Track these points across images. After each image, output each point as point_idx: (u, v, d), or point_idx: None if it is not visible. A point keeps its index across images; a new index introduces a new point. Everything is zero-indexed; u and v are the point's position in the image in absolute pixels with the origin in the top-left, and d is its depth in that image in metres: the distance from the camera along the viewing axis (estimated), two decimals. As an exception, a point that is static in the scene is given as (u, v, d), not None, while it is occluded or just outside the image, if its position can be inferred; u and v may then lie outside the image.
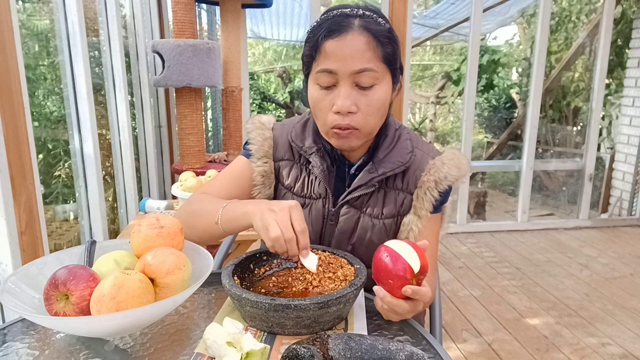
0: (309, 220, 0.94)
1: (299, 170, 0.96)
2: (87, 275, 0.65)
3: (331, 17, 0.81)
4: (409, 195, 0.91)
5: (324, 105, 0.83)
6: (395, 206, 0.91)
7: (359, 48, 0.78)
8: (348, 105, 0.79)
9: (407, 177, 0.91)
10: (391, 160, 0.89)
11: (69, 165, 1.72)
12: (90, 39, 1.83)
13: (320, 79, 0.82)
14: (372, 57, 0.79)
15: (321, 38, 0.80)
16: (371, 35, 0.79)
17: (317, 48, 0.81)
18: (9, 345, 0.67)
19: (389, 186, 0.92)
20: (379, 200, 0.92)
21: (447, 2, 4.74)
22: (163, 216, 0.75)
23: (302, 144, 0.93)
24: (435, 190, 0.89)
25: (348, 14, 0.81)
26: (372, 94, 0.81)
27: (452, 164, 0.90)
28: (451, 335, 2.09)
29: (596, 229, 3.68)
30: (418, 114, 8.01)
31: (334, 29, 0.79)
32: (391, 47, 0.82)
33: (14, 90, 1.10)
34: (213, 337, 0.61)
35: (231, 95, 2.58)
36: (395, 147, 0.91)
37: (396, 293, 0.67)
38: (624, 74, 3.96)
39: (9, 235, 1.08)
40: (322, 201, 0.94)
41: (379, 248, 0.71)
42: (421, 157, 0.92)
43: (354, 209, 0.92)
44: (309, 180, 0.95)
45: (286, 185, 0.97)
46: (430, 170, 0.90)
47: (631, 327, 2.15)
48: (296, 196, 0.96)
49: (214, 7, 3.08)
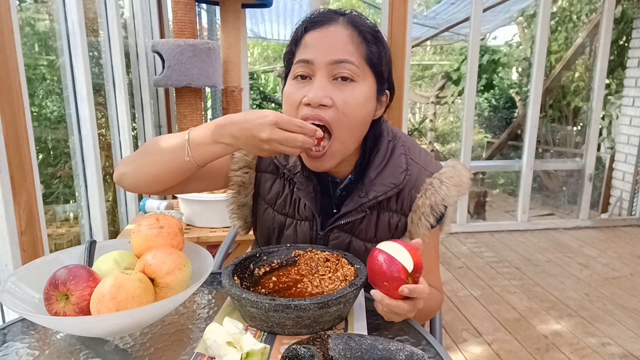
0: (293, 242, 0.89)
1: (281, 186, 0.88)
2: (87, 275, 0.65)
3: (315, 12, 0.78)
4: (403, 217, 0.84)
5: (295, 98, 0.75)
6: (390, 229, 0.85)
7: (340, 39, 0.73)
8: (321, 96, 0.72)
9: (401, 197, 0.84)
10: (383, 182, 0.81)
11: (69, 165, 1.72)
12: (90, 39, 1.83)
13: (296, 70, 0.75)
14: (354, 51, 0.73)
15: (302, 31, 0.76)
16: (356, 30, 0.74)
17: (297, 42, 0.76)
18: (9, 345, 0.67)
19: (382, 207, 0.85)
20: (372, 223, 0.85)
21: (447, 2, 4.75)
22: (163, 216, 0.75)
23: (286, 162, 0.86)
24: (431, 216, 0.82)
25: (335, 11, 0.77)
26: (350, 89, 0.73)
27: (452, 183, 0.82)
28: (451, 335, 2.09)
29: (596, 229, 3.68)
30: (418, 114, 8.01)
31: (317, 21, 0.75)
32: (376, 47, 0.76)
33: (14, 90, 1.10)
34: (213, 337, 0.61)
35: (231, 95, 2.57)
36: (387, 164, 0.83)
37: (393, 294, 0.67)
38: (624, 74, 3.96)
39: (9, 235, 1.08)
40: (309, 224, 0.87)
41: (371, 252, 0.71)
42: (417, 174, 0.83)
43: (344, 233, 0.86)
44: (291, 199, 0.87)
45: (267, 199, 0.90)
46: (426, 193, 0.81)
47: (631, 327, 2.15)
48: (277, 213, 0.89)
49: (214, 7, 3.08)
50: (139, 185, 0.81)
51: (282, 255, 0.86)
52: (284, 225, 0.90)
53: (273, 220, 0.91)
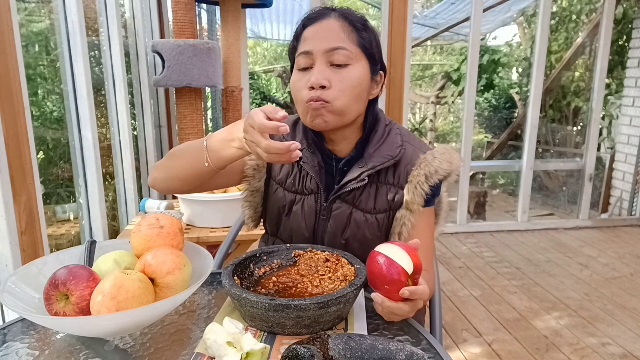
0: (301, 216, 0.95)
1: (290, 165, 0.96)
2: (87, 275, 0.65)
3: (311, 10, 0.89)
4: (400, 190, 0.92)
5: (300, 85, 0.85)
6: (387, 201, 0.92)
7: (333, 29, 0.84)
8: (320, 79, 0.82)
9: (398, 171, 0.92)
10: (381, 155, 0.90)
11: (70, 166, 1.72)
12: (90, 39, 1.83)
13: (299, 63, 0.86)
14: (346, 38, 0.84)
15: (301, 28, 0.87)
16: (347, 21, 0.85)
17: (298, 37, 0.88)
18: (9, 345, 0.67)
19: (381, 181, 0.92)
20: (371, 194, 0.92)
21: (447, 2, 4.75)
22: (163, 216, 0.75)
23: (293, 140, 0.94)
24: (425, 184, 0.89)
25: (327, 7, 0.89)
26: (345, 71, 0.84)
27: (444, 158, 0.91)
28: (451, 335, 2.09)
29: (596, 229, 3.68)
30: (418, 114, 8.01)
31: (313, 17, 0.86)
32: (366, 33, 0.86)
33: (14, 90, 1.10)
34: (213, 337, 0.61)
35: (231, 95, 2.57)
36: (385, 141, 0.92)
37: (394, 297, 0.67)
38: (624, 74, 3.96)
39: (9, 235, 1.08)
40: (315, 196, 0.94)
41: (370, 255, 0.71)
42: (412, 152, 0.93)
43: (346, 203, 0.93)
44: (300, 176, 0.95)
45: (277, 180, 0.98)
46: (421, 165, 0.90)
47: (631, 327, 2.15)
48: (287, 191, 0.97)
49: (214, 7, 3.08)
50: (170, 188, 0.91)
51: (282, 255, 0.86)
52: (293, 201, 0.96)
53: (284, 199, 0.97)
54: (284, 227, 0.99)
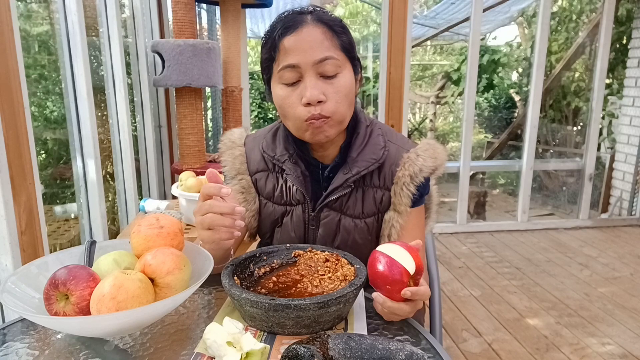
0: (291, 227, 0.94)
1: (275, 179, 0.95)
2: (87, 275, 0.65)
3: (283, 17, 0.83)
4: (387, 192, 0.91)
5: (292, 100, 0.82)
6: (375, 204, 0.91)
7: (316, 38, 0.80)
8: (317, 94, 0.79)
9: (382, 173, 0.91)
10: (364, 159, 0.89)
11: (69, 165, 1.72)
12: (90, 39, 1.82)
13: (284, 77, 0.82)
14: (331, 46, 0.81)
15: (278, 37, 0.81)
16: (325, 25, 0.82)
17: (275, 48, 0.82)
18: (9, 345, 0.67)
19: (367, 184, 0.91)
20: (358, 199, 0.91)
21: (447, 2, 4.75)
22: (163, 216, 0.75)
23: (274, 153, 0.94)
24: (411, 185, 0.89)
25: (299, 11, 0.83)
26: (337, 81, 0.82)
27: (428, 155, 0.89)
28: (451, 335, 2.09)
29: (596, 229, 3.68)
30: (418, 114, 8.01)
31: (289, 26, 0.81)
32: (346, 36, 0.84)
33: (14, 90, 1.10)
34: (213, 337, 0.61)
35: (231, 95, 2.57)
36: (367, 144, 0.91)
37: (395, 297, 0.67)
38: (624, 74, 3.96)
39: (9, 235, 1.08)
40: (302, 207, 0.93)
41: (372, 254, 0.71)
42: (396, 151, 0.91)
43: (333, 211, 0.92)
44: (286, 187, 0.94)
45: (265, 194, 0.97)
46: (405, 165, 0.89)
47: (631, 327, 2.15)
48: (276, 205, 0.96)
49: (214, 7, 3.08)
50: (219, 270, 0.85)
51: (282, 255, 0.86)
52: (284, 213, 0.96)
53: (274, 212, 0.97)
54: (275, 239, 0.99)
